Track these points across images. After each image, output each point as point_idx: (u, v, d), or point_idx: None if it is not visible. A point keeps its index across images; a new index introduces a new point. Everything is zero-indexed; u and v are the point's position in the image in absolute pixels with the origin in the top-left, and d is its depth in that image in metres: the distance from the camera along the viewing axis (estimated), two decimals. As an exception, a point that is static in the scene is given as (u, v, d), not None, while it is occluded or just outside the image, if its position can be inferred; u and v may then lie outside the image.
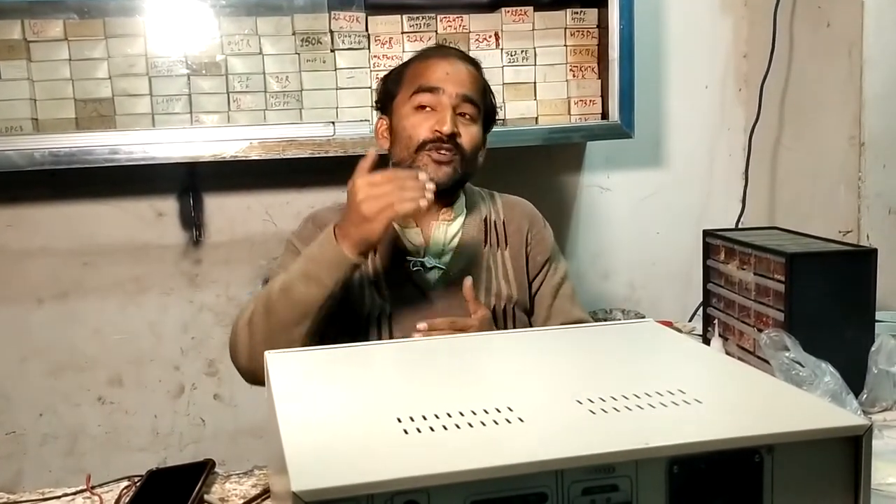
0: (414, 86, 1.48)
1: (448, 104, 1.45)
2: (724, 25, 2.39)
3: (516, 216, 1.59)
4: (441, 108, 1.45)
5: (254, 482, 1.19)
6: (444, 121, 1.44)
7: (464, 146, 1.46)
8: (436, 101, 1.46)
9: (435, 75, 1.47)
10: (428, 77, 1.47)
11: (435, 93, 1.46)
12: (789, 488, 0.76)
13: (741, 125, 2.41)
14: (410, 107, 1.48)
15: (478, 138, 1.50)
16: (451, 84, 1.46)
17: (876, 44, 1.94)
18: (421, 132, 1.45)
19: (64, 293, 2.10)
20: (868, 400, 1.41)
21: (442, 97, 1.45)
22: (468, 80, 1.49)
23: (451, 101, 1.45)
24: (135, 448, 2.17)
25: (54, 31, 1.92)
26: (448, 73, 1.47)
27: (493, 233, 1.56)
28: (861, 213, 1.99)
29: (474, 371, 1.00)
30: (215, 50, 1.99)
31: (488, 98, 1.56)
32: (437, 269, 1.50)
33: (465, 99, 1.47)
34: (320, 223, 1.53)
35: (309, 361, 1.03)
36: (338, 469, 0.68)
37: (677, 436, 0.74)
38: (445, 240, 1.52)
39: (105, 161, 1.89)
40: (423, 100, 1.46)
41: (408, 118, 1.48)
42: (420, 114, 1.47)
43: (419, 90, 1.47)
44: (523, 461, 0.69)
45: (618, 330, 1.16)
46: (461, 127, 1.46)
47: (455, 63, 1.50)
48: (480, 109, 1.51)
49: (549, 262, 1.59)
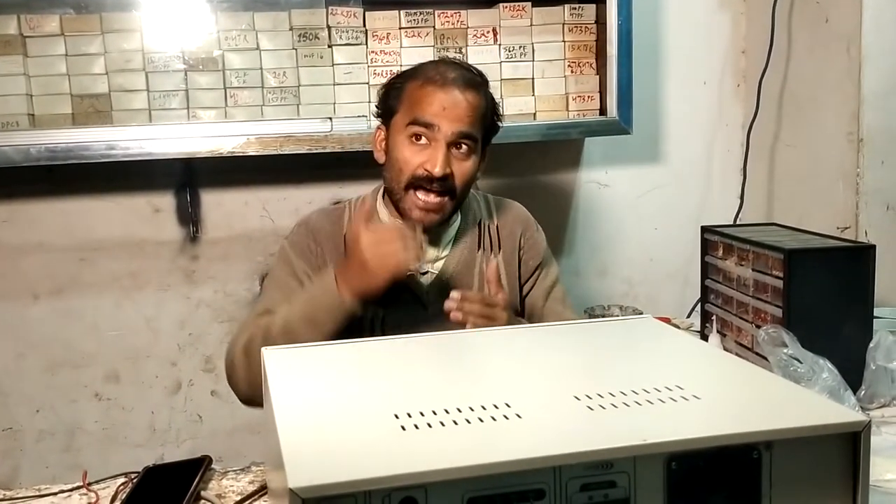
0: (410, 115, 1.44)
1: (442, 141, 1.42)
2: (723, 21, 2.39)
3: (509, 221, 1.60)
4: (435, 144, 1.42)
5: (251, 478, 1.19)
6: (435, 162, 1.41)
7: (455, 184, 1.44)
8: (431, 137, 1.42)
9: (431, 109, 1.42)
10: (424, 110, 1.43)
11: (430, 129, 1.42)
12: (788, 484, 0.76)
13: (739, 121, 2.41)
14: (405, 135, 1.44)
15: (471, 172, 1.47)
16: (448, 121, 1.42)
17: (874, 40, 1.94)
18: (411, 167, 1.43)
19: (60, 289, 2.10)
20: (866, 396, 1.41)
21: (437, 134, 1.42)
22: (466, 115, 1.43)
23: (447, 138, 1.42)
24: (132, 444, 2.17)
25: (50, 26, 1.92)
26: (445, 109, 1.42)
27: (486, 237, 1.57)
28: (859, 209, 1.99)
29: (472, 368, 1.00)
30: (212, 45, 1.98)
31: (489, 117, 1.51)
32: (431, 274, 1.51)
33: (461, 136, 1.43)
34: (313, 229, 1.54)
35: (306, 358, 1.03)
36: (335, 466, 0.68)
37: (675, 432, 0.73)
38: (440, 245, 1.53)
39: (101, 157, 1.89)
40: (418, 131, 1.43)
41: (401, 149, 1.45)
42: (414, 146, 1.44)
43: (414, 122, 1.43)
44: (521, 458, 0.69)
45: (616, 326, 1.16)
46: (454, 164, 1.43)
47: (453, 95, 1.43)
48: (478, 139, 1.47)
49: (541, 266, 1.60)
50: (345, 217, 1.56)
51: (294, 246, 1.53)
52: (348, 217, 1.56)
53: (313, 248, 1.52)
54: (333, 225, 1.55)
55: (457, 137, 1.42)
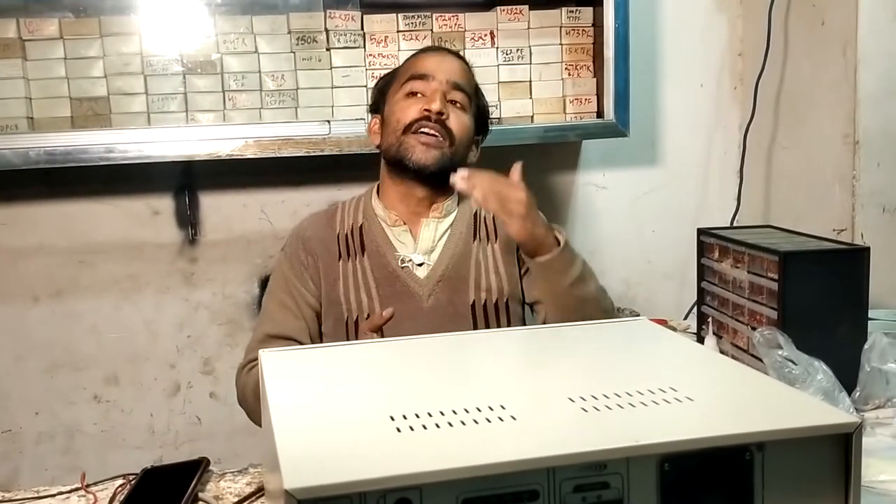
0: (405, 76, 1.53)
1: (438, 88, 1.49)
2: (720, 24, 2.40)
3: None
4: (431, 91, 1.49)
5: (248, 480, 1.20)
6: (433, 100, 1.47)
7: (452, 130, 1.48)
8: (426, 87, 1.50)
9: (426, 64, 1.52)
10: (418, 66, 1.52)
11: (426, 79, 1.50)
12: (780, 485, 0.76)
13: (736, 123, 2.42)
14: (401, 94, 1.52)
15: (468, 127, 1.52)
16: (442, 71, 1.51)
17: (870, 42, 1.95)
18: (410, 113, 1.48)
19: (60, 292, 2.10)
20: (861, 398, 1.41)
21: (432, 83, 1.49)
22: (459, 71, 1.53)
23: (442, 86, 1.49)
24: (131, 446, 2.18)
25: (49, 29, 1.92)
26: (439, 63, 1.52)
27: (482, 227, 1.57)
28: (855, 211, 1.99)
29: (467, 369, 1.00)
30: (211, 48, 1.99)
31: (480, 98, 1.59)
32: (427, 266, 1.50)
33: (455, 86, 1.51)
34: (303, 238, 1.55)
35: (302, 360, 1.03)
36: (330, 467, 0.68)
37: (668, 433, 0.74)
38: (435, 236, 1.53)
39: (100, 160, 1.89)
40: (413, 87, 1.50)
41: (398, 104, 1.52)
42: (410, 99, 1.50)
43: (410, 78, 1.51)
44: (515, 459, 0.69)
45: (611, 328, 1.17)
46: (451, 111, 1.49)
47: (446, 56, 1.56)
48: (471, 101, 1.54)
49: None
50: (337, 217, 1.57)
51: (288, 260, 1.55)
52: (340, 215, 1.57)
53: (304, 259, 1.53)
54: (325, 227, 1.56)
55: (451, 87, 1.50)
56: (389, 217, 1.54)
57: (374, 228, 1.54)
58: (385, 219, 1.54)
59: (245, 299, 2.18)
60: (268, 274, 2.13)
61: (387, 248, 1.51)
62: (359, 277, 1.50)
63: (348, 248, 1.53)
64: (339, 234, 1.54)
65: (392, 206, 1.54)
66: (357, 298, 1.48)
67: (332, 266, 1.51)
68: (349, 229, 1.55)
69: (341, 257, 1.52)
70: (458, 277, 1.49)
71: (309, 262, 1.52)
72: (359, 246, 1.52)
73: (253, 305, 2.17)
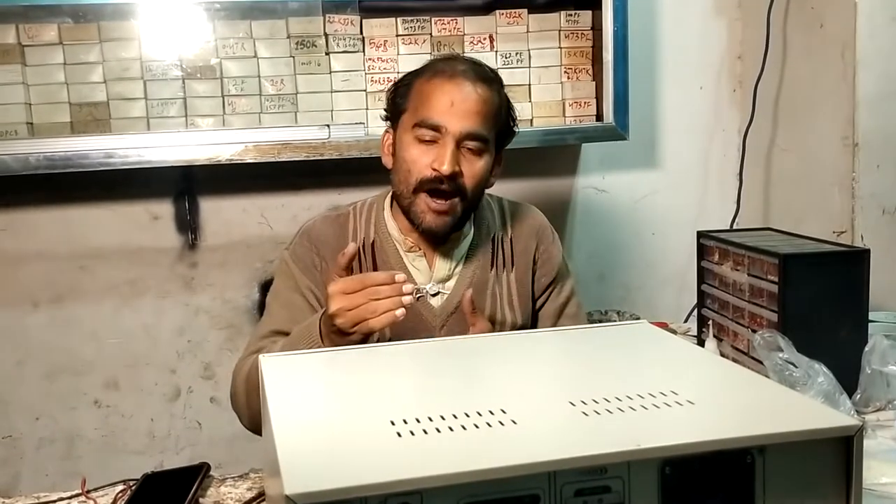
0: (417, 115, 1.38)
1: (450, 142, 1.35)
2: (719, 27, 2.40)
3: (524, 233, 1.53)
4: (442, 144, 1.36)
5: (249, 485, 1.20)
6: (442, 160, 1.34)
7: (465, 185, 1.38)
8: (438, 138, 1.36)
9: (439, 106, 1.36)
10: (431, 109, 1.36)
11: (437, 130, 1.36)
12: (781, 489, 0.76)
13: (736, 126, 2.42)
14: (412, 136, 1.38)
15: (482, 172, 1.40)
16: (456, 119, 1.35)
17: (869, 45, 1.95)
18: (419, 168, 1.37)
19: (60, 297, 2.10)
20: (861, 400, 1.41)
21: (445, 136, 1.35)
22: (475, 111, 1.36)
23: (455, 137, 1.35)
24: (131, 451, 2.17)
25: (49, 35, 1.93)
26: (453, 104, 1.35)
27: (500, 253, 1.50)
28: (855, 213, 1.99)
29: (468, 373, 1.00)
30: (210, 53, 1.99)
31: (503, 117, 1.44)
32: (442, 295, 1.45)
33: (469, 136, 1.36)
34: (316, 240, 1.46)
35: (303, 365, 1.03)
36: (331, 472, 0.68)
37: (669, 437, 0.74)
38: (451, 264, 1.46)
39: (100, 165, 1.89)
40: (424, 135, 1.36)
41: (408, 150, 1.39)
42: (420, 146, 1.37)
43: (420, 124, 1.37)
44: (516, 463, 0.69)
45: (611, 331, 1.17)
46: (464, 164, 1.37)
47: (463, 87, 1.37)
48: (489, 140, 1.40)
49: (555, 282, 1.54)
50: (349, 224, 1.49)
51: (297, 260, 1.46)
52: (353, 224, 1.49)
53: (317, 263, 1.44)
54: (338, 235, 1.47)
55: (465, 137, 1.36)
56: (405, 242, 1.46)
57: (387, 248, 1.46)
58: (401, 242, 1.46)
59: (245, 304, 2.18)
60: (268, 278, 2.14)
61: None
62: None
63: (360, 263, 1.45)
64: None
65: (407, 231, 1.46)
66: None
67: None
68: (360, 243, 1.46)
69: (352, 272, 1.38)
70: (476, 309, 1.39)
71: (322, 265, 1.44)
72: (370, 264, 1.45)
73: (253, 310, 2.17)
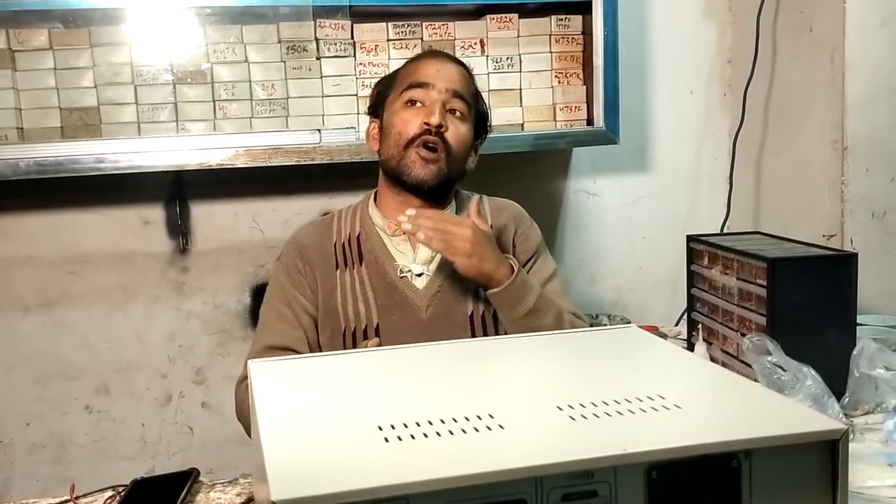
0: (405, 83, 1.51)
1: (438, 98, 1.47)
2: (709, 31, 2.41)
3: (503, 218, 1.58)
4: (430, 102, 1.47)
5: (238, 491, 1.19)
6: (432, 112, 1.45)
7: (450, 142, 1.48)
8: (426, 96, 1.48)
9: (426, 72, 1.50)
10: (418, 74, 1.50)
11: (425, 88, 1.48)
12: (767, 492, 0.76)
13: (726, 130, 2.43)
14: (401, 103, 1.50)
15: (466, 137, 1.52)
16: (442, 80, 1.49)
17: (857, 48, 1.96)
18: (410, 128, 1.47)
19: (50, 302, 2.10)
20: (850, 403, 1.42)
21: (431, 92, 1.48)
22: (458, 78, 1.52)
23: (441, 96, 1.48)
24: (122, 457, 2.17)
25: (39, 40, 1.92)
26: (439, 70, 1.50)
27: None
28: (845, 216, 2.00)
29: (456, 378, 1.00)
30: (201, 58, 1.99)
31: (479, 102, 1.58)
32: (426, 276, 1.49)
33: (455, 94, 1.49)
34: (300, 246, 1.53)
35: (291, 370, 1.03)
36: (318, 477, 0.68)
37: (656, 441, 0.74)
38: None
39: (91, 170, 1.89)
40: (413, 95, 1.49)
41: (398, 114, 1.50)
42: (410, 109, 1.49)
43: (410, 86, 1.49)
44: (503, 468, 0.69)
45: (600, 336, 1.17)
46: (450, 122, 1.48)
47: (446, 62, 1.53)
48: (471, 108, 1.53)
49: (534, 258, 1.58)
50: (334, 226, 1.56)
51: (284, 268, 1.53)
52: (337, 224, 1.56)
53: (301, 268, 1.51)
54: (322, 236, 1.55)
55: (451, 96, 1.48)
56: (389, 227, 1.52)
57: (372, 237, 1.52)
58: (384, 228, 1.52)
59: (237, 308, 2.17)
60: (259, 283, 2.14)
61: (385, 257, 1.50)
62: (356, 287, 1.48)
63: (346, 257, 1.51)
64: (337, 244, 1.53)
65: (391, 216, 1.52)
66: (355, 309, 1.47)
67: (330, 275, 1.51)
68: (346, 238, 1.53)
69: (338, 267, 1.51)
70: (457, 288, 1.48)
71: (306, 270, 1.51)
72: (356, 255, 1.51)
73: (245, 314, 2.17)
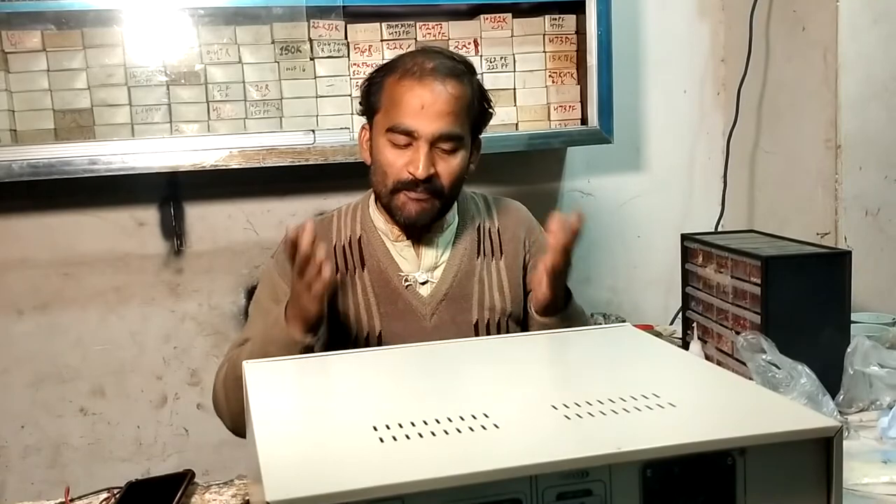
0: (389, 119, 1.39)
1: (424, 145, 1.36)
2: (702, 30, 2.41)
3: (511, 223, 1.54)
4: (416, 148, 1.37)
5: (233, 492, 1.19)
6: (417, 164, 1.36)
7: (442, 185, 1.39)
8: (411, 141, 1.37)
9: (409, 110, 1.36)
10: (402, 114, 1.37)
11: (409, 135, 1.37)
12: (762, 490, 0.77)
13: (720, 129, 2.43)
14: (386, 140, 1.39)
15: (459, 169, 1.41)
16: (427, 122, 1.36)
17: (850, 47, 1.96)
18: (395, 171, 1.38)
19: (45, 304, 2.09)
20: (844, 401, 1.42)
21: (418, 140, 1.37)
22: (446, 112, 1.37)
23: (428, 140, 1.37)
24: (118, 459, 2.16)
25: (32, 41, 1.92)
26: (424, 108, 1.36)
27: (486, 242, 1.51)
28: (838, 215, 2.01)
29: (450, 378, 1.00)
30: (194, 59, 1.98)
31: (476, 107, 1.44)
32: (430, 283, 1.46)
33: (442, 137, 1.37)
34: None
35: (286, 371, 1.04)
36: (313, 478, 0.68)
37: (650, 440, 0.74)
38: (437, 252, 1.47)
39: (84, 171, 1.89)
40: (397, 139, 1.38)
41: (383, 153, 1.40)
42: (395, 150, 1.39)
43: (393, 129, 1.38)
44: (497, 467, 0.69)
45: (594, 335, 1.17)
46: (439, 164, 1.38)
47: (433, 88, 1.37)
48: (464, 135, 1.41)
49: None
50: (334, 226, 1.51)
51: (278, 266, 1.47)
52: (337, 224, 1.51)
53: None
54: (321, 236, 1.42)
55: (438, 139, 1.37)
56: (392, 232, 1.47)
57: (374, 242, 1.47)
58: (387, 233, 1.47)
59: (231, 310, 2.17)
60: (254, 284, 2.13)
61: (388, 264, 1.46)
62: (358, 293, 1.45)
63: (346, 260, 1.47)
64: (337, 246, 1.48)
65: (393, 221, 1.46)
66: (356, 316, 1.44)
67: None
68: (347, 240, 1.49)
69: (339, 270, 1.46)
70: (462, 296, 1.45)
71: None
72: (358, 259, 1.47)
73: (239, 316, 2.16)
